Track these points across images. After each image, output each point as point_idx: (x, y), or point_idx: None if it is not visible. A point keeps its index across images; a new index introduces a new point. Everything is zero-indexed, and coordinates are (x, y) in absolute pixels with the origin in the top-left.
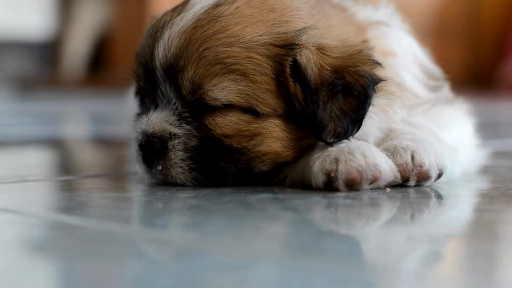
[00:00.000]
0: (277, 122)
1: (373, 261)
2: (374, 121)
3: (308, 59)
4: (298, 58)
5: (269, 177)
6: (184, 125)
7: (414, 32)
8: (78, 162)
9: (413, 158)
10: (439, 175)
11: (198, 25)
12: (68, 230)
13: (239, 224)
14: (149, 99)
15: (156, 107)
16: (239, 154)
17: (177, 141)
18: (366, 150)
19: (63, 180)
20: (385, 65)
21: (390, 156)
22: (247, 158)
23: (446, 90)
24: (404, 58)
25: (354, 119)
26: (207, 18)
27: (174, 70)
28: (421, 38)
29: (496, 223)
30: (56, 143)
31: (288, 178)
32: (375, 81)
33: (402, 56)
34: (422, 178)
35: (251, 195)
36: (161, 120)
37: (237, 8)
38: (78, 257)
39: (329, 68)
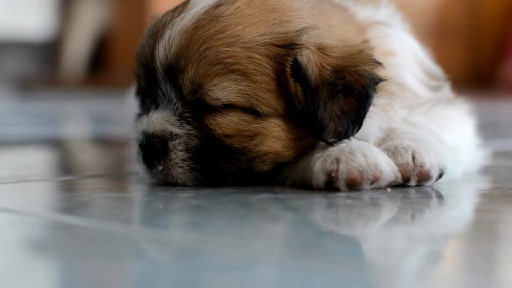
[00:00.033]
0: (277, 122)
1: (374, 261)
2: (374, 120)
3: (308, 59)
4: (299, 58)
5: (270, 177)
6: (184, 125)
7: (414, 32)
8: (78, 162)
9: (414, 158)
10: (440, 175)
11: (198, 25)
12: (68, 230)
13: (240, 224)
14: (149, 99)
15: (156, 107)
16: (240, 154)
17: (177, 141)
18: (367, 150)
19: (64, 180)
20: (385, 65)
21: (391, 156)
22: (248, 158)
23: (447, 90)
24: (404, 58)
25: (355, 119)
26: (208, 18)
27: (174, 70)
28: (421, 38)
29: (497, 223)
30: (56, 143)
31: (288, 178)
32: (376, 80)
33: (403, 56)
34: (423, 178)
35: (252, 195)
36: (161, 120)
37: (237, 8)
38: (79, 257)
39: (329, 68)
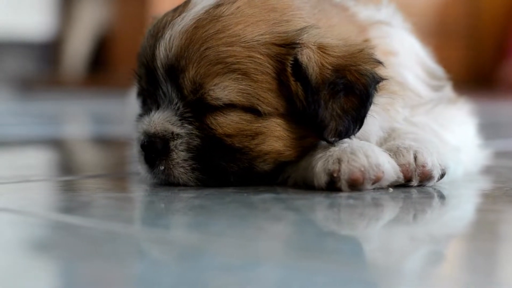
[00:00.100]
0: (278, 121)
1: (375, 261)
2: (375, 120)
3: (309, 58)
4: (299, 57)
5: (271, 176)
6: (186, 125)
7: (415, 31)
8: (79, 162)
9: (415, 158)
10: (442, 175)
11: (199, 25)
12: (70, 230)
13: (242, 224)
14: (150, 100)
15: (157, 107)
16: (241, 153)
17: (179, 141)
18: (368, 150)
19: (65, 180)
20: (386, 64)
21: (392, 156)
22: (249, 157)
23: (449, 90)
24: (406, 58)
25: (356, 118)
26: (208, 18)
27: (175, 70)
28: (421, 38)
29: (498, 223)
30: (56, 143)
31: (290, 178)
32: (377, 80)
33: (404, 55)
34: (425, 178)
35: (254, 195)
36: (163, 120)
37: (238, 7)
38: (80, 257)
39: (330, 67)
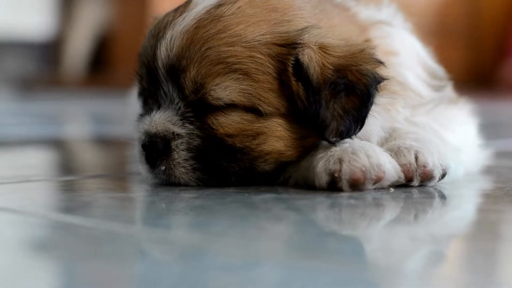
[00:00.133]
0: (280, 121)
1: (376, 261)
2: (377, 120)
3: (310, 58)
4: (301, 57)
5: (272, 177)
6: (187, 125)
7: (416, 31)
8: (79, 162)
9: (416, 158)
10: (443, 175)
11: (200, 25)
12: (71, 230)
13: (243, 224)
14: (151, 100)
15: (158, 107)
16: (242, 153)
17: (180, 141)
18: (369, 150)
19: (66, 180)
20: (387, 64)
21: (393, 156)
22: (250, 157)
23: (449, 90)
24: (407, 58)
25: (357, 118)
26: (209, 18)
27: (176, 70)
28: (421, 38)
29: (499, 223)
30: (57, 143)
31: (291, 178)
32: (378, 80)
33: (405, 55)
34: (426, 178)
35: (255, 195)
36: (164, 120)
37: (239, 7)
38: (81, 257)
39: (331, 67)
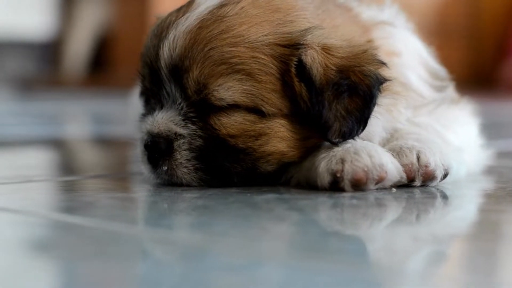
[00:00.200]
0: (282, 122)
1: (378, 261)
2: (379, 121)
3: (313, 59)
4: (303, 58)
5: (274, 177)
6: (189, 125)
7: (417, 31)
8: (80, 163)
9: (418, 158)
10: (445, 175)
11: (203, 25)
12: (72, 230)
13: (245, 224)
14: (154, 100)
15: (161, 108)
16: (245, 154)
17: (182, 141)
18: (372, 150)
19: (67, 180)
20: (390, 65)
21: (395, 156)
22: (253, 158)
23: (451, 90)
24: (409, 58)
25: (359, 119)
26: (212, 18)
27: (179, 70)
28: (422, 38)
29: (501, 223)
30: (57, 144)
31: (293, 178)
32: (380, 80)
33: (407, 56)
34: (428, 178)
35: (257, 195)
36: (166, 120)
37: (242, 8)
38: (83, 257)
39: (334, 68)
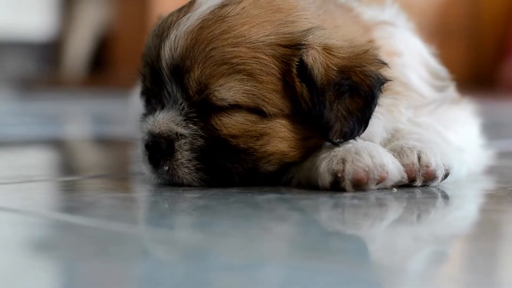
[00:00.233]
0: (283, 122)
1: (379, 261)
2: (380, 121)
3: (314, 59)
4: (305, 58)
5: (275, 177)
6: (190, 125)
7: (418, 31)
8: (80, 163)
9: (419, 158)
10: (446, 175)
11: (204, 25)
12: (73, 230)
13: (246, 224)
14: (155, 100)
15: (162, 108)
16: (246, 154)
17: (183, 141)
18: (373, 151)
19: (67, 180)
20: (391, 65)
21: (396, 156)
22: (254, 158)
23: (452, 90)
24: (410, 58)
25: (361, 119)
26: (214, 18)
27: (180, 70)
28: (422, 37)
29: (502, 223)
30: (57, 144)
31: (294, 178)
32: (381, 81)
33: (408, 56)
34: (429, 178)
35: (258, 196)
36: (167, 120)
37: (243, 8)
38: (84, 257)
39: (335, 68)
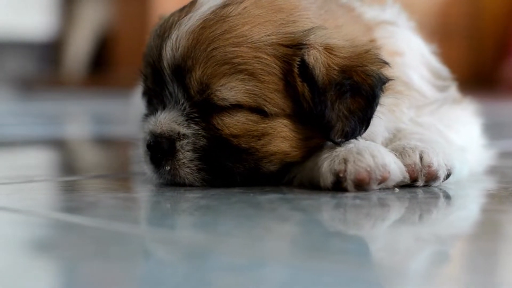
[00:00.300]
0: (285, 122)
1: (381, 261)
2: (381, 120)
3: (316, 59)
4: (306, 58)
5: (277, 177)
6: (192, 125)
7: (419, 31)
8: (81, 163)
9: (421, 158)
10: (448, 175)
11: (206, 25)
12: (74, 230)
13: (248, 224)
14: (156, 100)
15: (164, 108)
16: (247, 154)
17: (185, 141)
18: (375, 150)
19: (68, 180)
20: (392, 64)
21: (398, 156)
22: (256, 158)
23: (454, 90)
24: (411, 58)
25: (362, 119)
26: (215, 18)
27: (182, 70)
28: (423, 37)
29: (504, 223)
30: (58, 144)
31: (296, 178)
32: (383, 80)
33: (410, 55)
34: (431, 178)
35: (260, 196)
36: (169, 120)
37: (244, 8)
38: (85, 257)
39: (336, 68)
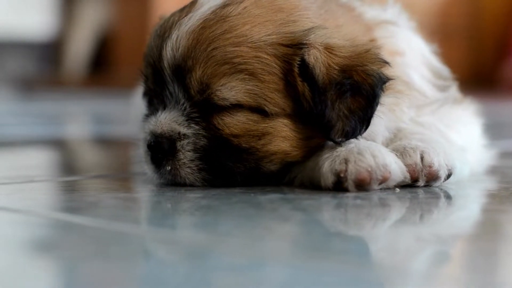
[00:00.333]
0: (285, 121)
1: (382, 261)
2: (382, 120)
3: (316, 59)
4: (306, 57)
5: (278, 177)
6: (192, 125)
7: (419, 30)
8: (82, 163)
9: (422, 158)
10: (448, 176)
11: (206, 25)
12: (75, 230)
13: (249, 224)
14: (157, 100)
15: (164, 108)
16: (248, 153)
17: (186, 141)
18: (375, 150)
19: (68, 180)
20: (393, 64)
21: (399, 156)
22: (256, 157)
23: (454, 90)
24: (412, 58)
25: (362, 118)
26: (215, 18)
27: (182, 70)
28: (424, 37)
29: (504, 223)
30: (58, 144)
31: (297, 178)
32: (383, 80)
33: (410, 55)
34: (432, 178)
35: (261, 196)
36: (169, 120)
37: (245, 8)
38: (85, 257)
39: (337, 67)
